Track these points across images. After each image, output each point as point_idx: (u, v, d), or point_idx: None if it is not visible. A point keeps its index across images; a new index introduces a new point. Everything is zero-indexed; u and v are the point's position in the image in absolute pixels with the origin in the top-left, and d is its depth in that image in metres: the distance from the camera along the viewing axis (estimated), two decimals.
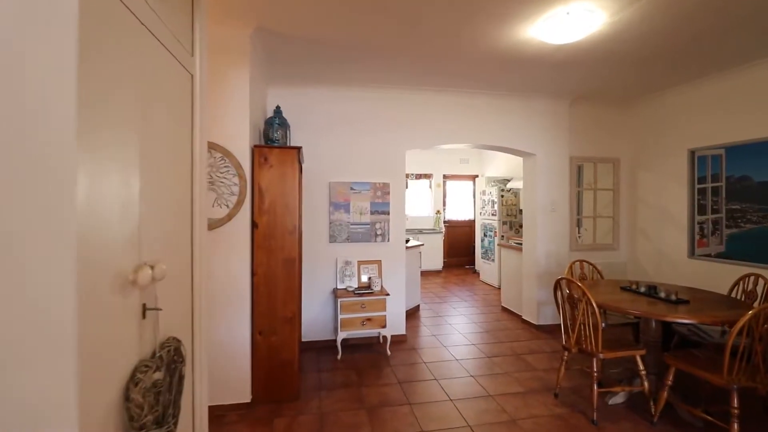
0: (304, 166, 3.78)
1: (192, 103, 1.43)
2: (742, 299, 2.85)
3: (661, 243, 4.21)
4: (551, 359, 3.49)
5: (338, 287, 3.77)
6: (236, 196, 2.62)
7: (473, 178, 8.74)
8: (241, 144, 2.63)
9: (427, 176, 8.59)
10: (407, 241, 5.03)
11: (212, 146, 2.56)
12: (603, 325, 2.56)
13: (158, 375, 1.08)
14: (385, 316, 3.55)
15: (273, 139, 2.92)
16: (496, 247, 6.44)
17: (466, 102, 4.14)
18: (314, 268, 3.79)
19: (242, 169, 2.63)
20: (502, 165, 7.74)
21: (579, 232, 4.62)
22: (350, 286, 3.73)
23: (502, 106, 4.24)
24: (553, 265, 4.35)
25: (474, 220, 8.47)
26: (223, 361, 2.61)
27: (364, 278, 3.84)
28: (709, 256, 3.68)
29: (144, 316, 1.03)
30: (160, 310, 1.06)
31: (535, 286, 4.33)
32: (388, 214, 3.93)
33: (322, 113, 3.84)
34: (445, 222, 8.58)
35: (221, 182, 2.59)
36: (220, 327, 2.60)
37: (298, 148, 2.79)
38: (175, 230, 1.25)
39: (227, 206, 2.61)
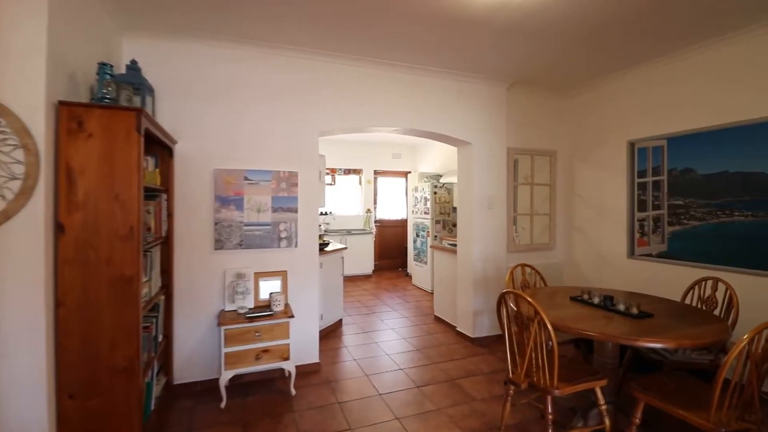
0: (178, 147, 2.81)
1: None
2: (700, 306, 2.51)
3: (600, 242, 3.92)
4: (491, 383, 2.93)
5: (226, 309, 2.85)
6: (20, 180, 1.62)
7: (406, 174, 8.21)
8: (29, 96, 1.63)
9: (357, 172, 7.85)
10: (327, 244, 4.24)
11: None
12: (550, 344, 2.01)
13: None
14: (288, 345, 2.71)
15: (102, 98, 1.94)
16: (429, 249, 5.91)
17: (395, 78, 3.46)
18: (192, 285, 2.83)
19: (31, 137, 1.63)
20: (436, 160, 7.28)
21: (516, 231, 4.19)
22: (243, 307, 2.83)
23: (437, 87, 3.62)
24: (491, 269, 3.85)
25: (407, 220, 7.92)
26: None
27: (264, 295, 2.97)
28: (650, 255, 3.40)
29: None
30: None
31: (471, 294, 3.79)
32: (296, 211, 3.10)
33: (206, 78, 2.88)
34: (376, 221, 7.92)
35: None
36: None
37: (138, 110, 1.85)
38: None
39: (2, 197, 1.60)
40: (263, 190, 2.99)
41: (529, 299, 1.92)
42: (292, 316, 2.74)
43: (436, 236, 6.01)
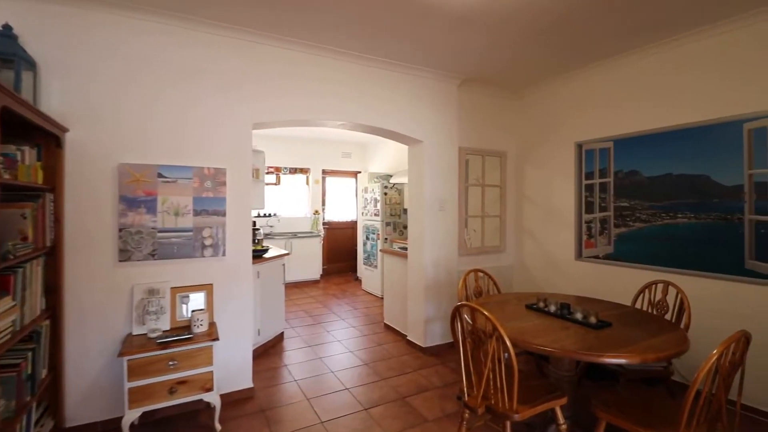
0: (70, 136, 2.28)
1: None
2: (651, 311, 2.47)
3: (548, 244, 3.89)
4: (443, 399, 2.72)
5: (135, 333, 2.37)
6: None
7: (355, 174, 7.90)
8: None
9: (304, 171, 7.41)
10: (265, 250, 3.82)
11: None
12: (505, 356, 1.82)
13: None
14: (211, 373, 2.30)
15: None
16: (379, 253, 5.66)
17: (341, 67, 3.14)
18: (89, 305, 2.31)
19: None
20: (386, 159, 7.06)
21: (467, 234, 4.06)
22: (156, 330, 2.36)
23: (387, 80, 3.37)
24: (442, 273, 3.66)
25: (357, 221, 7.62)
26: None
27: (186, 314, 2.52)
28: (596, 257, 3.40)
29: None
30: None
31: (422, 301, 3.58)
32: (224, 215, 2.68)
33: (111, 54, 2.38)
34: (324, 223, 7.53)
35: None
36: None
37: None
38: None
39: None
40: (182, 189, 2.54)
41: (486, 313, 1.71)
42: (217, 339, 2.33)
43: (386, 239, 5.78)
